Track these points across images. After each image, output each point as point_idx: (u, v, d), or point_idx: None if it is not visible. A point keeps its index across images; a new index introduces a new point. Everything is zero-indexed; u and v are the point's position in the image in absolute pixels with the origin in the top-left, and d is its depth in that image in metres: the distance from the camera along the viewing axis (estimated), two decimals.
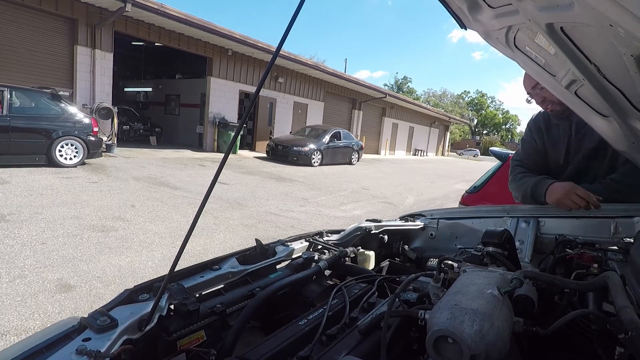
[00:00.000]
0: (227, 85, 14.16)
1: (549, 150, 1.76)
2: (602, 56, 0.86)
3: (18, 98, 7.05)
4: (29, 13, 9.29)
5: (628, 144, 1.29)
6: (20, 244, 3.62)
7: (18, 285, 2.85)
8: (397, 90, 60.06)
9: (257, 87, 0.73)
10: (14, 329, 2.32)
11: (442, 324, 0.63)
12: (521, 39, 1.07)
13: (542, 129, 1.78)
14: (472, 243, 1.61)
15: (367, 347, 0.77)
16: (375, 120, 23.65)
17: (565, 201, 1.48)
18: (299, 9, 0.71)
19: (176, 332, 0.77)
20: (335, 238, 1.39)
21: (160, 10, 10.04)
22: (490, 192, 3.77)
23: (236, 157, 13.02)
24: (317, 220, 5.85)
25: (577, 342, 0.85)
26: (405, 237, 1.74)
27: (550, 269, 1.18)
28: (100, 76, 10.58)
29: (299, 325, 0.83)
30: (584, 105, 1.22)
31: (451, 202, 8.67)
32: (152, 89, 18.10)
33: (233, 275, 1.01)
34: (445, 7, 1.16)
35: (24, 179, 6.21)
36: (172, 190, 6.82)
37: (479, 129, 69.53)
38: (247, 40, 12.64)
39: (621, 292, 0.76)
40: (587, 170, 1.67)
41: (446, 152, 36.16)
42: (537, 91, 1.63)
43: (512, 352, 0.72)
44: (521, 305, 0.77)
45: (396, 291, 0.87)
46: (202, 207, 0.75)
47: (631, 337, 0.63)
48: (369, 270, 1.27)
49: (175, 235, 4.40)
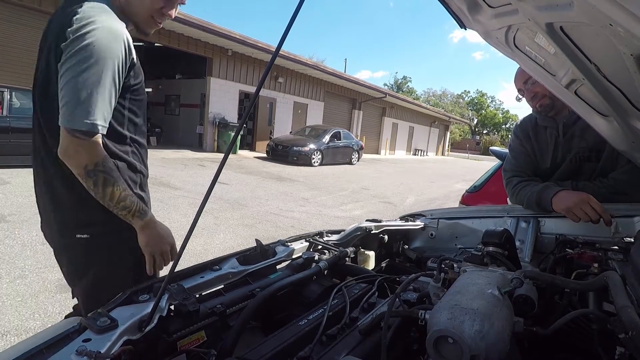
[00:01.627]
0: (227, 85, 14.16)
1: (538, 153, 1.71)
2: (602, 56, 0.86)
3: (18, 99, 7.05)
4: (28, 13, 9.29)
5: (628, 143, 1.29)
6: (21, 244, 3.62)
7: (18, 285, 2.85)
8: (396, 90, 60.03)
9: (257, 87, 0.73)
10: (14, 329, 2.32)
11: (442, 324, 0.63)
12: (521, 39, 1.07)
13: (530, 133, 1.74)
14: (472, 243, 1.61)
15: (368, 347, 0.77)
16: (375, 120, 23.65)
17: (576, 210, 1.39)
18: (298, 9, 0.71)
19: (176, 333, 0.77)
20: (335, 238, 1.39)
21: None
22: (491, 191, 3.78)
23: (236, 157, 13.02)
24: (317, 220, 5.85)
25: (577, 342, 0.85)
26: (405, 237, 1.74)
27: (551, 268, 1.18)
28: None
29: (299, 325, 0.83)
30: (584, 105, 1.21)
31: (451, 202, 8.67)
32: (152, 89, 18.06)
33: (233, 276, 1.01)
34: (445, 7, 1.16)
35: (24, 180, 6.21)
36: (172, 190, 6.82)
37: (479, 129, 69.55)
38: (247, 40, 12.64)
39: (621, 292, 0.76)
40: (579, 172, 1.63)
41: (446, 152, 36.15)
42: (529, 86, 1.60)
43: (512, 352, 0.72)
44: (521, 305, 0.77)
45: (396, 291, 0.87)
46: (202, 207, 0.75)
47: (632, 336, 0.63)
48: (369, 270, 1.27)
49: (175, 235, 4.36)
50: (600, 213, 1.36)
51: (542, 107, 1.63)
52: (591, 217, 1.37)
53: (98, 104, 0.96)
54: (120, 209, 1.03)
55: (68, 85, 0.95)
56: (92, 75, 0.95)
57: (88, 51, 0.94)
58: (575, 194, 1.43)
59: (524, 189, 1.64)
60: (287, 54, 14.30)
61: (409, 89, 65.52)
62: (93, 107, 0.96)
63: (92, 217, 1.08)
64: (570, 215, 1.42)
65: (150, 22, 1.11)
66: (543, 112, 1.67)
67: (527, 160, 1.74)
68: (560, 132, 1.64)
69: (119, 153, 1.10)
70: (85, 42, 0.95)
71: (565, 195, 1.46)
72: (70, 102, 0.95)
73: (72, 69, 0.95)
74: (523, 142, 1.75)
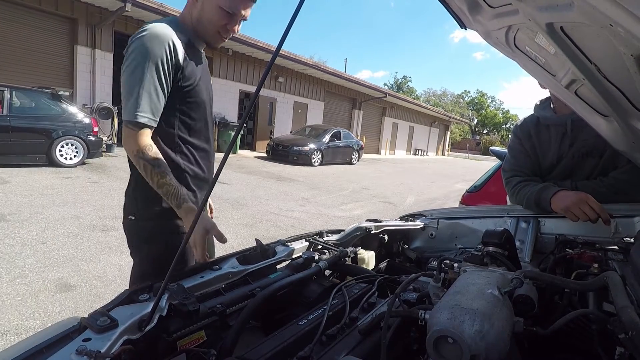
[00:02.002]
0: (227, 85, 14.16)
1: (539, 152, 1.70)
2: (602, 56, 0.86)
3: (18, 98, 7.05)
4: (28, 13, 9.29)
5: (628, 143, 1.29)
6: (21, 243, 3.63)
7: (18, 284, 2.85)
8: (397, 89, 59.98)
9: (257, 87, 0.73)
10: (14, 328, 2.32)
11: (442, 324, 0.63)
12: (521, 39, 1.07)
13: (531, 133, 1.72)
14: (472, 243, 1.61)
15: (367, 347, 0.77)
16: (375, 119, 23.64)
17: (574, 210, 1.40)
18: (298, 8, 0.71)
19: (176, 332, 0.77)
20: (335, 238, 1.39)
21: (160, 9, 10.04)
22: (491, 191, 3.78)
23: (236, 156, 13.02)
24: (317, 219, 5.85)
25: (577, 342, 0.85)
26: (405, 237, 1.74)
27: (551, 268, 1.18)
28: (101, 76, 10.59)
29: (299, 325, 0.83)
30: (584, 105, 1.21)
31: (451, 202, 8.67)
32: None
33: (233, 276, 1.01)
34: (445, 7, 1.16)
35: (24, 179, 6.21)
36: None
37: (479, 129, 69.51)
38: (247, 40, 12.64)
39: (621, 292, 0.76)
40: (579, 167, 1.62)
41: (446, 151, 36.13)
42: None
43: (512, 352, 0.72)
44: (521, 305, 0.77)
45: (396, 291, 0.87)
46: (202, 206, 0.75)
47: (631, 337, 0.63)
48: (369, 270, 1.27)
49: None
50: (599, 212, 1.36)
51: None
52: (589, 216, 1.37)
53: (142, 100, 1.13)
54: (163, 194, 1.16)
55: (122, 84, 1.16)
56: (137, 74, 1.12)
57: (134, 54, 1.13)
58: (574, 194, 1.43)
59: (523, 189, 1.63)
60: (287, 54, 14.30)
61: (409, 88, 65.47)
62: (139, 103, 1.12)
63: (137, 204, 1.27)
64: (569, 214, 1.42)
65: (217, 37, 1.28)
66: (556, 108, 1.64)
67: (526, 160, 1.73)
68: (569, 127, 1.62)
69: (165, 149, 1.25)
70: (132, 46, 1.14)
71: (564, 195, 1.46)
72: (123, 98, 1.16)
73: (124, 71, 1.15)
74: (523, 142, 1.74)
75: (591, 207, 1.37)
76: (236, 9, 1.22)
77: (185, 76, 1.22)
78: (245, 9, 1.24)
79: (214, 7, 1.21)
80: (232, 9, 1.22)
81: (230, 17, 1.23)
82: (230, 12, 1.22)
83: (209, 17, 1.23)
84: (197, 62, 1.28)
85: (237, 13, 1.24)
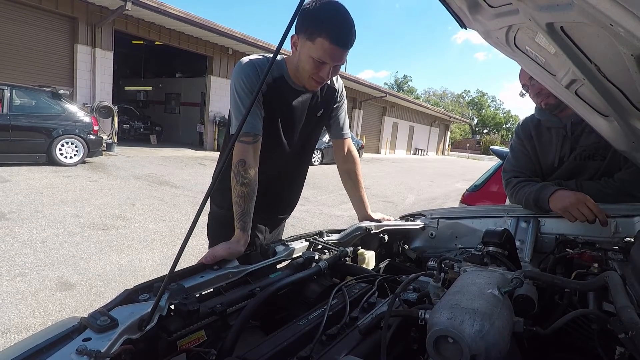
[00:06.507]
0: (227, 84, 14.08)
1: (540, 154, 1.69)
2: (603, 56, 0.86)
3: (18, 97, 7.06)
4: (29, 11, 9.29)
5: (628, 143, 1.29)
6: (21, 242, 3.63)
7: (18, 283, 2.86)
8: (397, 89, 59.96)
9: (257, 87, 0.73)
10: (14, 327, 2.33)
11: (442, 323, 0.63)
12: (521, 39, 1.07)
13: (532, 134, 1.72)
14: (472, 243, 1.61)
15: (368, 347, 0.77)
16: (375, 119, 23.63)
17: (572, 210, 1.39)
18: (299, 9, 0.70)
19: (176, 332, 0.77)
20: (335, 238, 1.39)
21: (160, 8, 10.03)
22: (491, 190, 3.78)
23: None
24: (317, 219, 5.85)
25: (577, 342, 0.85)
26: (405, 237, 1.74)
27: (551, 268, 1.18)
28: (101, 75, 10.58)
29: (299, 325, 0.83)
30: (584, 105, 1.21)
31: (451, 201, 8.67)
32: (153, 87, 18.09)
33: (233, 275, 1.00)
34: (445, 6, 1.15)
35: (24, 178, 6.22)
36: (172, 189, 6.82)
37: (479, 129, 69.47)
38: (247, 39, 12.63)
39: (621, 292, 0.76)
40: (582, 170, 1.61)
41: (447, 151, 36.12)
42: (535, 82, 1.58)
43: (512, 352, 0.72)
44: (521, 305, 0.77)
45: (396, 291, 0.87)
46: (202, 206, 0.75)
47: (631, 336, 0.63)
48: (369, 270, 1.27)
49: (175, 234, 4.40)
50: (596, 213, 1.35)
51: (547, 105, 1.61)
52: (587, 217, 1.36)
53: (233, 120, 1.44)
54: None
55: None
56: (231, 99, 1.40)
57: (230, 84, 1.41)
58: (573, 194, 1.42)
59: (522, 189, 1.63)
60: (287, 54, 14.27)
61: (409, 88, 65.46)
62: (232, 121, 1.45)
63: (214, 197, 1.57)
64: (567, 215, 1.41)
65: (311, 81, 1.40)
66: (547, 111, 1.65)
67: (527, 160, 1.72)
68: (569, 130, 1.62)
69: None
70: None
71: (563, 194, 1.45)
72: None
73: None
74: (524, 143, 1.74)
75: (589, 208, 1.36)
76: (327, 60, 1.29)
77: (263, 107, 1.40)
78: (335, 60, 1.30)
79: (307, 56, 1.30)
80: (322, 59, 1.29)
81: (322, 65, 1.31)
82: (321, 62, 1.30)
83: (303, 65, 1.33)
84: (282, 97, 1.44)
85: (329, 62, 1.30)
